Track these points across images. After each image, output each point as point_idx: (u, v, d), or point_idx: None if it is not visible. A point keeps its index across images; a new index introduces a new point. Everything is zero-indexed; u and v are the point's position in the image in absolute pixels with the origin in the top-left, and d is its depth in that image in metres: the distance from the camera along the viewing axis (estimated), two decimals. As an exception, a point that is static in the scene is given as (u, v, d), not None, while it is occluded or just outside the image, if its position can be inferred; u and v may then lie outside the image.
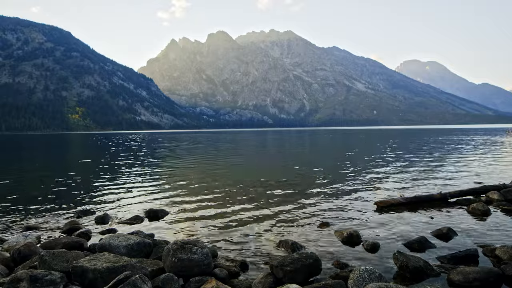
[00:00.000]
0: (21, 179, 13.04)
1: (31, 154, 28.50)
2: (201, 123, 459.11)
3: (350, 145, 35.21)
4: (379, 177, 11.98)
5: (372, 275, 3.46)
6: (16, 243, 5.06)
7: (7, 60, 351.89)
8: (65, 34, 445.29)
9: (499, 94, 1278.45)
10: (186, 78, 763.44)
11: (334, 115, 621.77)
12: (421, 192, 8.86)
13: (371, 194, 9.05)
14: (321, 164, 16.96)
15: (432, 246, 4.97)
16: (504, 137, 44.50)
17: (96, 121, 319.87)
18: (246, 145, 38.27)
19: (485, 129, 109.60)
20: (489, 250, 4.62)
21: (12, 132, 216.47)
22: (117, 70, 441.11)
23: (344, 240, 5.28)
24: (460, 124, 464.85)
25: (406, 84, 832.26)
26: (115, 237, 4.57)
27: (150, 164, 18.25)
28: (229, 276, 3.95)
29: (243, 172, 14.28)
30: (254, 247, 5.14)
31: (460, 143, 33.50)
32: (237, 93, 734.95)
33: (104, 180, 12.32)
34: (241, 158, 21.49)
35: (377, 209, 7.29)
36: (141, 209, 7.72)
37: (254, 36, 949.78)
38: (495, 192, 7.87)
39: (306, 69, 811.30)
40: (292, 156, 23.29)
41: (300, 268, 3.72)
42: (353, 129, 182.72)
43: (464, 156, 19.37)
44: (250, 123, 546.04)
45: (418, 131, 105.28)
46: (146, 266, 3.87)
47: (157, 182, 11.90)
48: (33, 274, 3.19)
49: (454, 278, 3.77)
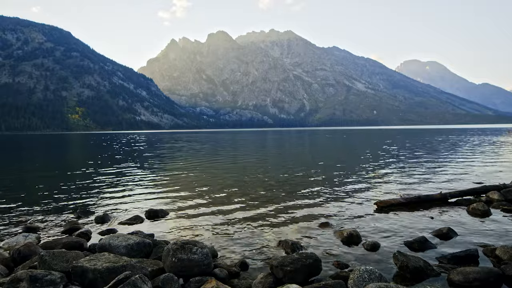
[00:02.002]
0: (21, 179, 13.03)
1: (31, 154, 28.50)
2: (201, 123, 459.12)
3: (350, 145, 35.22)
4: (379, 177, 11.98)
5: (372, 275, 3.46)
6: (16, 243, 5.06)
7: (7, 60, 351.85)
8: (65, 34, 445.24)
9: (499, 94, 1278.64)
10: (186, 78, 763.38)
11: (334, 115, 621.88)
12: (421, 192, 8.86)
13: (371, 194, 9.04)
14: (321, 164, 16.96)
15: (432, 246, 4.96)
16: (505, 137, 44.49)
17: (96, 121, 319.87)
18: (246, 145, 38.27)
19: (485, 129, 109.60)
20: (489, 250, 4.61)
21: (12, 132, 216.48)
22: (117, 70, 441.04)
23: (344, 240, 5.28)
24: (460, 124, 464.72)
25: (406, 84, 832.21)
26: (115, 237, 4.56)
27: (150, 164, 18.25)
28: (229, 276, 3.95)
29: (243, 172, 14.27)
30: (254, 247, 5.13)
31: (460, 143, 33.50)
32: (237, 93, 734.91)
33: (104, 180, 12.32)
34: (241, 158, 21.49)
35: (377, 209, 7.29)
36: (141, 209, 7.71)
37: (254, 36, 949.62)
38: (495, 192, 7.86)
39: (306, 69, 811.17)
40: (292, 156, 23.29)
41: (300, 268, 3.72)
42: (353, 129, 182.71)
43: (464, 156, 19.37)
44: (250, 123, 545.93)
45: (418, 131, 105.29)
46: (146, 266, 3.86)
47: (157, 182, 11.90)
48: (33, 274, 3.19)
49: (454, 278, 3.76)
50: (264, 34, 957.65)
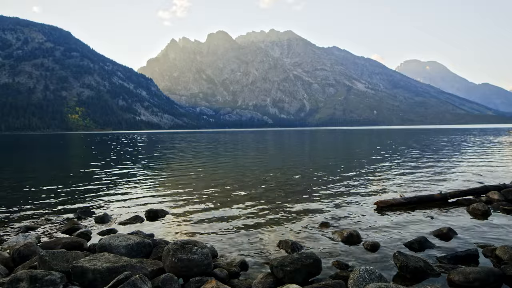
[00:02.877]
0: (21, 179, 13.02)
1: (31, 154, 28.49)
2: (201, 123, 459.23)
3: (349, 145, 35.22)
4: (379, 177, 11.98)
5: (372, 275, 3.46)
6: (16, 243, 5.05)
7: (7, 60, 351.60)
8: (64, 34, 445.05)
9: (499, 94, 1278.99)
10: (186, 78, 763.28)
11: (334, 115, 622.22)
12: (421, 192, 8.86)
13: (371, 194, 9.04)
14: (321, 164, 16.96)
15: (432, 246, 4.97)
16: (505, 137, 44.49)
17: (96, 121, 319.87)
18: (246, 145, 38.27)
19: (486, 129, 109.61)
20: (489, 250, 4.61)
21: (11, 132, 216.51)
22: (117, 70, 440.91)
23: (344, 240, 5.28)
24: (460, 124, 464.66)
25: (406, 84, 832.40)
26: (115, 237, 4.56)
27: (150, 164, 18.25)
28: (229, 276, 3.95)
29: (243, 172, 14.27)
30: (254, 247, 5.13)
31: (460, 143, 33.50)
32: (237, 93, 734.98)
33: (104, 180, 12.32)
34: (241, 158, 21.49)
35: (377, 209, 7.29)
36: (141, 209, 7.71)
37: (254, 36, 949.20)
38: (495, 192, 7.85)
39: (306, 69, 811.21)
40: (292, 156, 23.29)
41: (300, 268, 3.72)
42: (353, 129, 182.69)
43: (464, 156, 19.37)
44: (250, 123, 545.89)
45: (418, 131, 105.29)
46: (146, 266, 3.87)
47: (157, 182, 11.90)
48: (33, 274, 3.19)
49: (454, 278, 3.76)
50: (264, 34, 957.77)
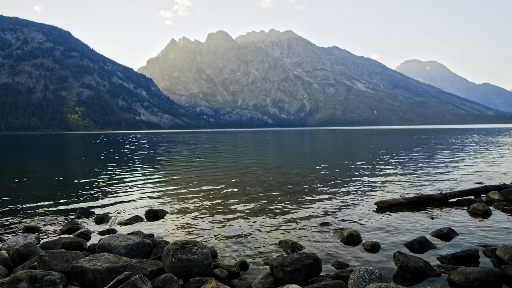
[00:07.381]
0: (21, 179, 13.02)
1: (31, 154, 28.48)
2: (201, 123, 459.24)
3: (349, 145, 35.22)
4: (379, 177, 11.97)
5: (372, 275, 3.46)
6: (15, 243, 5.05)
7: (7, 60, 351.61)
8: (64, 34, 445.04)
9: (500, 94, 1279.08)
10: (186, 78, 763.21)
11: (334, 115, 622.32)
12: (422, 192, 8.85)
13: (371, 194, 9.04)
14: (321, 164, 16.94)
15: (432, 246, 4.96)
16: (505, 137, 44.49)
17: (95, 121, 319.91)
18: (245, 145, 38.27)
19: (486, 129, 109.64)
20: (490, 250, 4.61)
21: (11, 132, 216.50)
22: (117, 70, 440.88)
23: (344, 240, 5.27)
24: (460, 124, 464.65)
25: (406, 84, 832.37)
26: (115, 237, 4.56)
27: (150, 164, 18.24)
28: (229, 276, 3.94)
29: (243, 172, 14.26)
30: (254, 247, 5.13)
31: (460, 143, 33.50)
32: (237, 93, 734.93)
33: (104, 180, 12.31)
34: (241, 158, 21.48)
35: (377, 209, 7.28)
36: (141, 209, 7.71)
37: (254, 35, 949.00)
38: (495, 192, 7.85)
39: (306, 69, 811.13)
40: (292, 156, 23.29)
41: (300, 268, 3.71)
42: (353, 129, 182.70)
43: (464, 156, 19.37)
44: (250, 123, 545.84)
45: (418, 131, 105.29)
46: (146, 266, 3.86)
47: (157, 182, 11.89)
48: (32, 274, 3.18)
49: (454, 278, 3.76)
50: (264, 34, 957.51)
